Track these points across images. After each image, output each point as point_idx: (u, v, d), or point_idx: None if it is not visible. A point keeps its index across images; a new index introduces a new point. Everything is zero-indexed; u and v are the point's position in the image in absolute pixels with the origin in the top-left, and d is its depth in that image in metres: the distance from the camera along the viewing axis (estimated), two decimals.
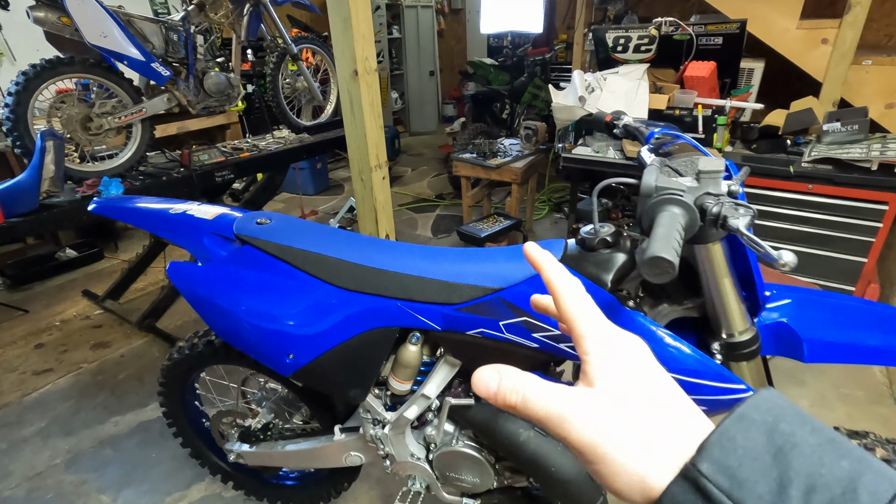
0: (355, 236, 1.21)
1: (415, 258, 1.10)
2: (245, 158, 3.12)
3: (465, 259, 1.08)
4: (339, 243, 1.15)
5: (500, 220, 3.30)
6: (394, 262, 1.09)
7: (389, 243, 1.18)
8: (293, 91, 3.74)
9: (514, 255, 1.05)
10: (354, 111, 2.53)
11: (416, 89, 7.80)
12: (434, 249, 1.15)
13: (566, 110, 2.83)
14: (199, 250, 1.16)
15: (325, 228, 1.22)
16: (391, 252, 1.13)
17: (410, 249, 1.15)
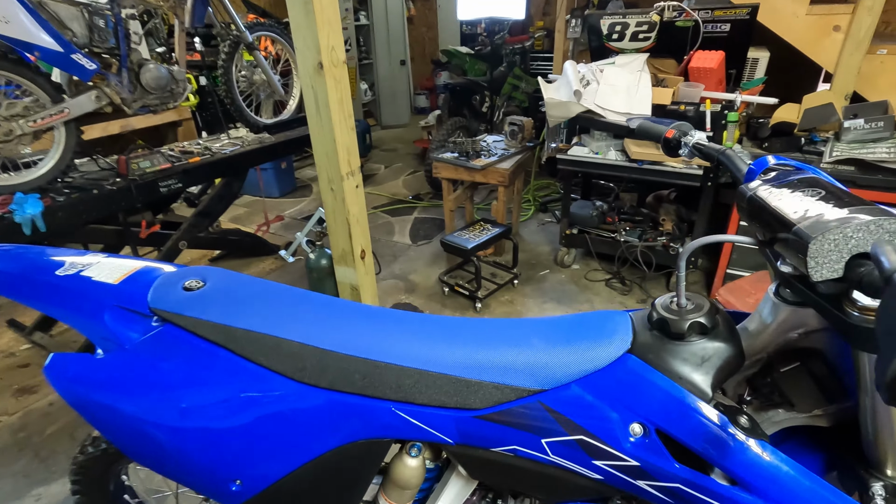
0: (327, 301, 0.87)
1: (413, 337, 0.78)
2: (195, 164, 2.71)
3: (486, 338, 0.77)
4: (304, 316, 0.81)
5: (487, 227, 2.99)
6: (384, 344, 0.77)
7: (375, 312, 0.86)
8: (250, 85, 3.32)
9: (558, 332, 0.74)
10: (320, 110, 2.16)
11: (386, 80, 7.37)
12: (438, 322, 0.82)
13: (561, 106, 2.53)
14: (97, 334, 0.81)
15: (282, 292, 0.88)
16: (379, 327, 0.81)
17: (405, 322, 0.83)
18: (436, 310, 2.87)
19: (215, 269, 0.91)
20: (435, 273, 3.26)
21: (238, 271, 3.09)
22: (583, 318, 0.75)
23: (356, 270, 2.53)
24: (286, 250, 2.76)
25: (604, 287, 3.03)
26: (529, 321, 0.79)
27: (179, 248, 2.83)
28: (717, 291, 2.26)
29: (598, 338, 0.70)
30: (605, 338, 0.70)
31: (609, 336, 0.69)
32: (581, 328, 0.73)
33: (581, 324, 0.74)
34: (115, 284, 0.83)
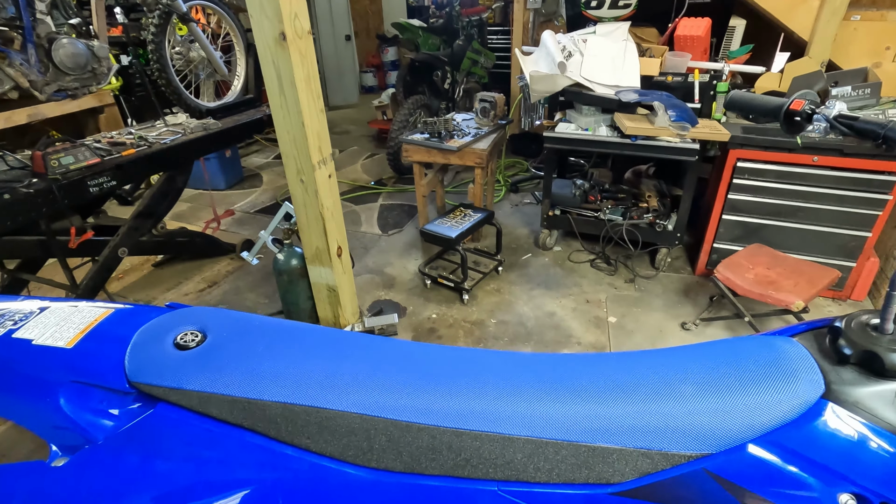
0: (370, 344, 0.65)
1: (508, 390, 0.58)
2: (131, 158, 2.32)
3: (613, 385, 0.58)
4: (353, 371, 0.59)
5: (468, 213, 2.80)
6: (470, 403, 0.57)
7: (440, 355, 0.65)
8: (187, 63, 2.90)
9: (712, 371, 0.57)
10: (285, 90, 1.86)
11: (332, 57, 6.90)
12: (533, 363, 0.63)
13: (546, 80, 2.35)
14: (50, 427, 0.55)
15: (309, 335, 0.65)
16: (454, 377, 0.60)
17: (485, 365, 0.63)
18: (419, 304, 2.66)
19: (213, 311, 0.66)
20: (411, 264, 3.05)
21: (190, 275, 2.70)
22: (739, 350, 0.58)
23: (333, 269, 2.28)
24: (248, 252, 2.44)
25: (589, 268, 2.93)
26: (663, 355, 0.61)
27: (119, 257, 2.44)
28: (716, 269, 2.20)
29: (772, 378, 0.53)
30: (783, 377, 0.53)
31: (788, 375, 0.53)
32: (742, 364, 0.56)
33: (740, 357, 0.57)
34: (70, 349, 0.57)
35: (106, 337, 0.59)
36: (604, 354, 0.63)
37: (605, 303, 2.62)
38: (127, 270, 3.10)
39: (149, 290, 2.90)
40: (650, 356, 0.61)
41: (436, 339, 2.41)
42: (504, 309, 2.61)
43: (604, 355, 0.63)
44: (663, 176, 3.07)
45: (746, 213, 2.51)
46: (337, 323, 2.43)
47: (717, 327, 2.40)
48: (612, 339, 2.35)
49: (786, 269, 2.17)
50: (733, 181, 2.43)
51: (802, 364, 0.53)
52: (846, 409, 0.50)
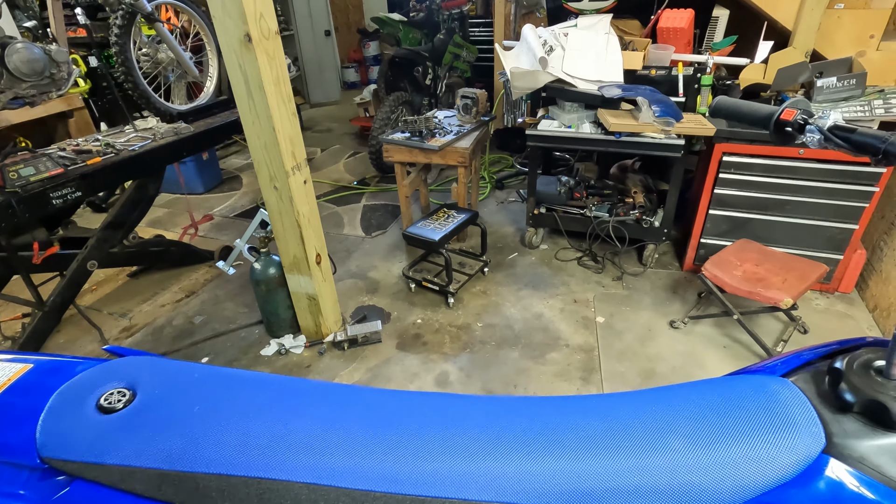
0: (340, 393, 0.59)
1: (468, 443, 0.52)
2: (96, 166, 2.22)
3: (590, 440, 0.52)
4: (313, 430, 0.53)
5: (451, 213, 2.73)
6: (432, 465, 0.50)
7: (406, 400, 0.58)
8: (155, 65, 2.78)
9: (701, 419, 0.51)
10: (253, 94, 1.78)
11: (311, 53, 6.76)
12: (496, 407, 0.57)
13: (527, 76, 2.28)
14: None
15: (260, 386, 0.58)
16: (416, 431, 0.54)
17: (448, 413, 0.57)
18: (404, 309, 2.60)
19: (147, 363, 0.59)
20: (395, 267, 2.98)
21: (167, 285, 2.61)
22: (730, 394, 0.52)
23: (312, 278, 2.20)
24: (224, 261, 2.36)
25: (576, 266, 2.89)
26: (646, 400, 0.55)
27: (89, 270, 2.35)
28: (704, 266, 2.16)
29: (767, 429, 0.48)
30: (779, 429, 0.47)
31: (785, 425, 0.47)
32: (734, 412, 0.50)
33: (731, 403, 0.51)
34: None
35: (16, 402, 0.52)
36: (583, 398, 0.57)
37: (592, 302, 2.58)
38: (101, 282, 3.00)
39: (123, 301, 2.80)
40: (632, 399, 0.56)
41: (421, 344, 2.35)
42: (491, 311, 2.55)
43: (583, 399, 0.57)
44: (649, 170, 3.03)
45: (733, 208, 2.47)
46: (319, 332, 2.36)
47: (706, 325, 2.37)
48: (601, 340, 2.31)
49: (774, 264, 2.14)
50: (719, 175, 2.39)
51: (800, 412, 0.48)
52: (850, 466, 0.44)
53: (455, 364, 2.23)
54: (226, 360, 2.31)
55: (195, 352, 2.37)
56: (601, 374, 2.13)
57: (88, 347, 2.42)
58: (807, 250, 2.43)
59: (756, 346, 2.19)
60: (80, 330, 2.54)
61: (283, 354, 2.33)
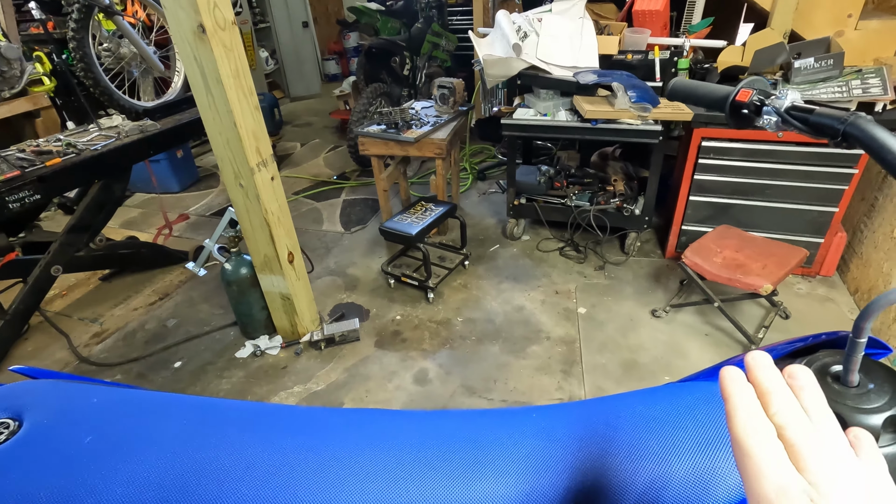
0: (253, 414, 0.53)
1: (358, 466, 0.48)
2: (55, 168, 2.13)
3: (491, 460, 0.47)
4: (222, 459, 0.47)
5: (429, 206, 2.67)
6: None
7: (363, 418, 0.54)
8: (118, 60, 2.68)
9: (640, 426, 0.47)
10: (211, 88, 1.70)
11: (289, 45, 6.62)
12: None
13: (500, 63, 2.22)
14: None
15: (173, 408, 0.53)
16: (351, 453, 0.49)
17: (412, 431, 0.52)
18: (383, 306, 2.55)
19: (41, 387, 0.53)
20: (375, 263, 2.92)
21: (140, 288, 2.53)
22: (675, 405, 0.48)
23: (285, 277, 2.14)
24: (195, 262, 2.29)
25: (558, 257, 2.85)
26: (580, 408, 0.50)
27: (53, 276, 2.26)
28: (684, 254, 2.13)
29: (713, 444, 0.43)
30: (725, 444, 0.43)
31: (722, 441, 0.43)
32: (679, 425, 0.46)
33: (676, 415, 0.47)
34: None
35: None
36: (510, 410, 0.52)
37: (574, 293, 2.54)
38: (72, 286, 2.91)
39: (95, 306, 2.72)
40: (567, 410, 0.51)
41: (400, 342, 2.31)
42: (471, 306, 2.51)
43: (510, 411, 0.52)
44: (630, 157, 2.99)
45: (713, 194, 2.44)
46: (295, 332, 2.30)
47: (688, 313, 2.35)
48: (582, 332, 2.28)
49: (754, 250, 2.11)
50: (699, 161, 2.36)
51: None
52: None
53: (434, 361, 2.18)
54: (200, 363, 2.25)
55: (168, 356, 2.30)
56: (582, 367, 2.10)
57: (57, 355, 2.35)
58: (788, 234, 2.41)
59: (738, 334, 2.17)
60: (49, 337, 2.46)
61: (259, 356, 2.27)
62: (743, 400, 0.31)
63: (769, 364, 0.33)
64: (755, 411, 0.31)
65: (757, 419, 0.30)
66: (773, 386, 0.32)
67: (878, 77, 1.99)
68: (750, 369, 0.33)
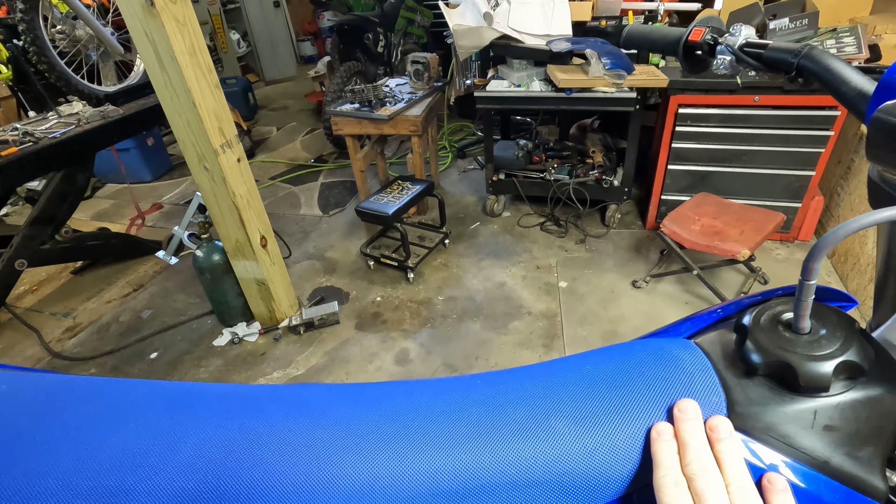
0: (216, 395, 0.50)
1: (347, 441, 0.45)
2: (11, 157, 2.03)
3: (449, 425, 0.45)
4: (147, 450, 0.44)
5: (406, 185, 2.62)
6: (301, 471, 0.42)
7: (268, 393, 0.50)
8: (73, 43, 2.57)
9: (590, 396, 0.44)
10: (165, 67, 1.62)
11: (261, 26, 6.42)
12: (385, 392, 0.49)
13: (471, 34, 2.15)
14: None
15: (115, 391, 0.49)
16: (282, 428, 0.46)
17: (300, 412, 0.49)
18: (363, 288, 2.51)
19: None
20: (354, 245, 2.87)
21: (113, 280, 2.47)
22: (627, 363, 0.45)
23: (258, 262, 2.09)
24: (165, 251, 2.22)
25: (539, 232, 2.83)
26: (528, 376, 0.47)
27: (17, 270, 2.19)
28: (662, 223, 2.11)
29: (659, 400, 0.41)
30: (672, 399, 0.40)
31: (679, 395, 0.40)
32: (629, 383, 0.43)
33: (626, 373, 0.44)
34: None
35: None
36: (464, 378, 0.49)
37: (555, 267, 2.53)
38: (42, 281, 2.83)
39: (67, 300, 2.65)
40: (521, 376, 0.48)
41: (380, 323, 2.28)
42: (452, 284, 2.48)
43: (463, 379, 0.49)
44: (609, 129, 2.95)
45: (692, 162, 2.42)
46: (273, 318, 2.26)
47: (668, 282, 2.34)
48: (563, 306, 2.27)
49: (731, 216, 2.10)
50: (676, 129, 2.33)
51: (700, 379, 0.41)
52: (754, 438, 0.38)
53: (415, 340, 2.16)
54: (176, 353, 2.20)
55: (143, 348, 2.25)
56: (563, 340, 2.09)
57: (29, 352, 2.29)
58: (766, 200, 2.40)
59: (718, 301, 2.17)
60: (20, 334, 2.39)
61: (237, 343, 2.23)
62: (663, 455, 0.36)
63: (694, 416, 0.37)
64: (671, 466, 0.35)
65: (671, 474, 0.34)
66: (691, 439, 0.36)
67: (853, 36, 1.96)
68: (676, 420, 0.37)
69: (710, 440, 0.36)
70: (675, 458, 0.35)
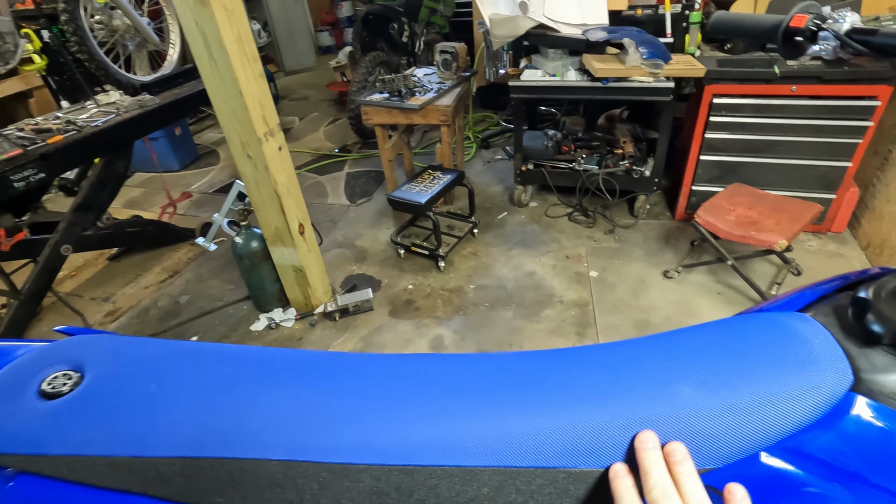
0: (311, 361, 0.53)
1: (453, 406, 0.49)
2: (58, 145, 2.09)
3: (585, 389, 0.48)
4: (283, 402, 0.48)
5: (436, 175, 2.65)
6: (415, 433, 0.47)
7: (384, 363, 0.54)
8: (111, 33, 2.61)
9: (711, 364, 0.47)
10: (214, 55, 1.66)
11: (280, 17, 6.43)
12: (482, 365, 0.53)
13: (507, 23, 2.16)
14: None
15: (225, 357, 0.53)
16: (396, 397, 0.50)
17: (431, 375, 0.52)
18: (394, 276, 2.55)
19: (96, 341, 0.53)
20: (383, 234, 2.91)
21: (149, 267, 2.53)
22: (743, 334, 0.48)
23: (296, 249, 2.13)
24: (204, 237, 2.27)
25: (567, 222, 2.84)
26: (647, 347, 0.50)
27: (63, 255, 2.25)
28: (696, 213, 2.12)
29: (787, 369, 0.43)
30: (800, 367, 0.43)
31: (807, 364, 0.43)
32: (749, 353, 0.45)
33: (745, 344, 0.46)
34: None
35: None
36: (581, 349, 0.52)
37: (585, 257, 2.54)
38: (80, 267, 2.90)
39: (105, 286, 2.72)
40: (632, 348, 0.51)
41: (413, 310, 2.32)
42: (482, 273, 2.51)
43: (580, 350, 0.52)
44: (637, 119, 2.94)
45: (724, 152, 2.41)
46: (308, 304, 2.31)
47: (700, 273, 2.35)
48: (595, 295, 2.29)
49: (767, 207, 2.10)
50: (710, 119, 2.32)
51: (823, 348, 0.43)
52: (881, 404, 0.40)
53: (449, 327, 2.20)
54: (215, 337, 2.26)
55: (183, 332, 2.31)
56: (596, 329, 2.11)
57: None
58: (798, 191, 2.39)
59: (750, 291, 2.17)
60: (63, 317, 2.47)
61: (274, 328, 2.28)
62: (622, 491, 0.40)
63: (652, 445, 0.41)
64: (632, 499, 0.39)
65: None
66: (652, 466, 0.40)
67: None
68: (637, 451, 0.41)
69: (668, 463, 0.40)
70: (633, 491, 0.40)
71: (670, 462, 0.40)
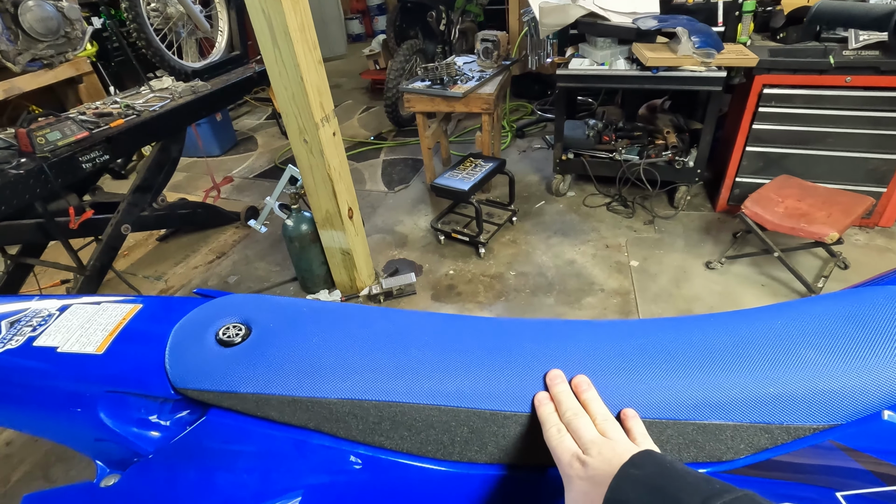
0: (445, 323, 0.59)
1: (588, 363, 0.53)
2: (120, 128, 2.18)
3: (720, 355, 0.52)
4: (429, 357, 0.53)
5: (478, 163, 2.68)
6: None
7: (514, 326, 0.58)
8: (165, 20, 2.69)
9: (833, 329, 0.50)
10: (278, 42, 1.71)
11: (313, 5, 6.37)
12: (604, 330, 0.57)
13: (557, 11, 2.17)
14: (92, 444, 0.49)
15: (370, 317, 0.58)
16: (531, 355, 0.55)
17: (560, 337, 0.57)
18: (434, 261, 2.60)
19: (253, 299, 0.59)
20: (421, 220, 2.96)
21: (197, 248, 2.62)
22: (860, 305, 0.51)
23: (345, 232, 2.20)
24: (256, 220, 2.35)
25: (606, 212, 2.85)
26: (770, 316, 0.54)
27: (123, 234, 2.36)
28: (744, 204, 2.11)
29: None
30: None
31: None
32: (868, 321, 0.49)
33: (863, 313, 0.50)
34: (102, 355, 0.50)
35: (140, 338, 0.53)
36: (698, 317, 0.56)
37: (625, 246, 2.56)
38: (131, 247, 3.03)
39: (156, 265, 2.83)
40: (755, 315, 0.54)
41: (455, 295, 2.37)
42: (522, 260, 2.54)
43: (699, 318, 0.56)
44: (679, 109, 2.92)
45: (771, 144, 2.39)
46: (353, 286, 2.38)
47: (743, 264, 2.35)
48: (636, 284, 2.31)
49: (817, 199, 2.08)
50: (759, 110, 2.30)
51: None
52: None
53: (492, 312, 2.24)
54: None
55: None
56: (639, 316, 2.13)
57: None
58: (847, 184, 2.36)
59: (795, 283, 2.17)
60: (119, 294, 2.58)
61: None
62: (545, 414, 0.47)
63: (561, 380, 0.49)
64: (553, 419, 0.47)
65: (554, 425, 0.46)
66: (563, 397, 0.48)
67: None
68: (549, 386, 0.49)
69: (576, 393, 0.48)
70: (554, 414, 0.47)
71: (578, 392, 0.48)
